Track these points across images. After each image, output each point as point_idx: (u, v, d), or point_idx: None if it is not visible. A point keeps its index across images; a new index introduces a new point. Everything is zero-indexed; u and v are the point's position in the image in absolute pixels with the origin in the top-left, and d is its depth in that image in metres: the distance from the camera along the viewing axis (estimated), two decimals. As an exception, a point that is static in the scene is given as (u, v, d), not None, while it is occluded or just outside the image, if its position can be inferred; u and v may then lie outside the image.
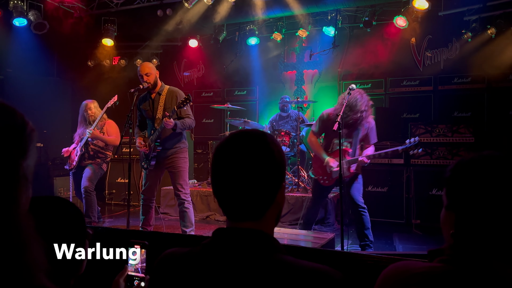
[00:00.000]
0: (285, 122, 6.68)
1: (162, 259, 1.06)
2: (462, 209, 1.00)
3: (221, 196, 1.01)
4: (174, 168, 4.18)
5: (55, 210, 1.16)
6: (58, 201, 1.21)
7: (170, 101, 4.15)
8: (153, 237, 1.86)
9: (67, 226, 1.17)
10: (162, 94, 4.17)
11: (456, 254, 0.97)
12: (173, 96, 4.16)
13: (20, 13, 6.16)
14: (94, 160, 5.30)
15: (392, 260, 1.57)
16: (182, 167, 4.21)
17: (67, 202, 1.23)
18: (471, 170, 1.01)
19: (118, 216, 6.37)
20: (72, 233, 1.17)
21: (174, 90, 4.23)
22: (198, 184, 6.65)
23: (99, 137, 5.18)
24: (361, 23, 6.71)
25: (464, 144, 5.43)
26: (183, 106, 3.91)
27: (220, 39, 7.45)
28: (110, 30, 7.10)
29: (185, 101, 3.90)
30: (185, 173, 4.24)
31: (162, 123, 3.93)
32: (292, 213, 5.48)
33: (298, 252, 1.64)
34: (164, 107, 4.12)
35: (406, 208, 5.55)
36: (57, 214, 1.16)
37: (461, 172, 1.02)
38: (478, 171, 0.99)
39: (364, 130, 3.92)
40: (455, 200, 1.02)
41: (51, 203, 1.18)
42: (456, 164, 1.05)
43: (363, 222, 3.86)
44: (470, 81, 6.24)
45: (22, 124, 0.76)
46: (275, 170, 1.00)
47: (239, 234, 0.97)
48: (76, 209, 1.22)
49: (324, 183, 4.01)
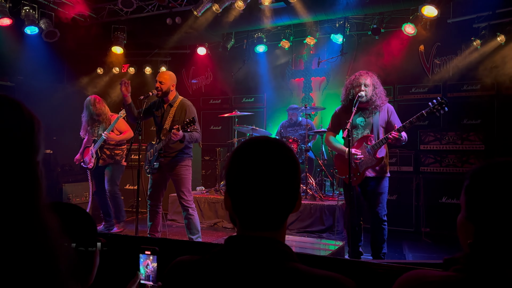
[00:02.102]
0: (294, 129, 6.68)
1: (173, 267, 1.05)
2: (482, 220, 0.97)
3: (243, 205, 0.98)
4: (177, 175, 4.23)
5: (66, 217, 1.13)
6: (69, 208, 1.20)
7: (180, 114, 4.19)
8: (163, 243, 1.85)
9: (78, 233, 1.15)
10: (174, 106, 4.22)
11: (472, 264, 0.95)
12: (183, 110, 4.20)
13: (32, 21, 6.25)
14: (114, 159, 5.33)
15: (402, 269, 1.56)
16: (184, 174, 4.25)
17: (78, 208, 1.22)
18: (493, 180, 0.97)
19: (126, 222, 6.37)
20: (83, 240, 1.16)
21: (185, 104, 4.25)
22: (206, 191, 6.65)
23: (115, 138, 5.22)
24: (369, 30, 6.71)
25: (474, 151, 5.38)
26: (187, 128, 3.92)
27: (228, 46, 7.49)
28: (119, 38, 7.17)
29: (188, 124, 3.91)
30: (188, 181, 4.28)
31: (169, 135, 3.95)
32: (300, 221, 5.46)
33: (308, 260, 1.63)
34: (173, 119, 4.16)
35: (415, 216, 5.50)
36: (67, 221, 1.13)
37: (482, 182, 0.99)
38: (501, 182, 0.96)
39: (384, 114, 3.80)
40: (475, 211, 0.99)
41: (62, 209, 1.17)
42: (477, 171, 1.02)
43: (381, 235, 3.79)
44: (480, 88, 6.19)
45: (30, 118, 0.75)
46: (297, 178, 1.00)
47: (253, 243, 0.96)
48: (87, 216, 1.21)
49: (352, 182, 3.73)
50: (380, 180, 3.80)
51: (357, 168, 3.80)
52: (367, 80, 3.74)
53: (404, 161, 5.75)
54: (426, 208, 5.40)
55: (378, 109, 3.79)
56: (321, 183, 6.16)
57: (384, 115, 3.81)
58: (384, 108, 3.82)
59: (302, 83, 7.84)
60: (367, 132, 3.79)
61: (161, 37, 7.28)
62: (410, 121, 3.54)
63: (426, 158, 5.61)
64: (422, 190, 5.46)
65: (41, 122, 0.77)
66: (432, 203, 5.37)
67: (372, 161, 3.72)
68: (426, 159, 5.60)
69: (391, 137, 3.56)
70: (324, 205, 5.41)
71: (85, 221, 1.19)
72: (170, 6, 6.55)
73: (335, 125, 3.99)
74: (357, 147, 3.78)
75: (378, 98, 3.74)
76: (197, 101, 8.00)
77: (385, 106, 3.83)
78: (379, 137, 3.75)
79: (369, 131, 3.79)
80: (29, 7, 6.24)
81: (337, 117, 3.98)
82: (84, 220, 1.19)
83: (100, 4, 6.86)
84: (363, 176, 3.78)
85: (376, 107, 3.78)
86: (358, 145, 3.79)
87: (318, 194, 5.78)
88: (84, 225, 1.18)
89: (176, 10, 6.59)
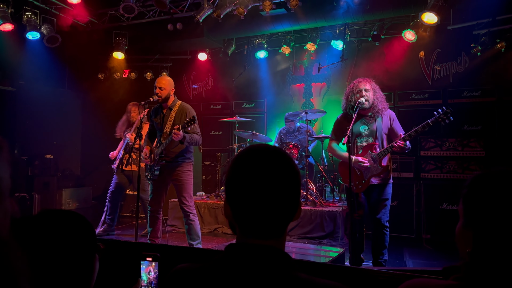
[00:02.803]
0: (293, 135, 6.68)
1: (173, 275, 1.04)
2: (481, 228, 0.97)
3: (243, 214, 0.98)
4: (178, 180, 4.23)
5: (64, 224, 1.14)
6: (67, 215, 1.20)
7: (180, 117, 4.20)
8: (163, 250, 1.85)
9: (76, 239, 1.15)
10: (173, 110, 4.23)
11: (472, 273, 0.95)
12: (183, 113, 4.22)
13: (33, 27, 6.29)
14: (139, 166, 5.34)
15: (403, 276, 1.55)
16: (186, 179, 4.25)
17: (77, 215, 1.21)
18: (491, 189, 0.98)
19: (126, 228, 6.37)
20: (82, 247, 1.16)
21: (185, 107, 4.28)
22: (206, 197, 6.64)
23: None
24: (369, 36, 6.74)
25: (475, 158, 5.38)
26: (188, 127, 3.93)
27: (229, 52, 7.52)
28: (121, 43, 7.20)
29: (189, 122, 3.92)
30: (189, 186, 4.27)
31: (169, 137, 3.97)
32: (300, 227, 5.44)
33: (309, 267, 1.62)
34: (173, 123, 4.17)
35: (416, 223, 5.49)
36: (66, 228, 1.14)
37: (480, 191, 1.00)
38: (498, 190, 0.96)
39: (387, 120, 3.82)
40: (473, 219, 0.99)
41: (61, 216, 1.17)
42: (474, 180, 1.02)
43: (383, 241, 3.79)
44: (480, 94, 6.20)
45: None
46: (297, 187, 1.00)
47: (254, 251, 0.96)
48: (86, 222, 1.20)
49: (357, 190, 3.81)
50: (383, 186, 3.80)
51: (362, 175, 3.81)
52: (367, 86, 3.78)
53: (405, 167, 5.74)
54: (427, 214, 5.38)
55: (380, 114, 3.81)
56: (321, 189, 6.15)
57: (386, 121, 3.82)
58: (386, 114, 3.84)
59: (302, 89, 7.86)
60: (371, 140, 3.81)
61: (162, 43, 7.31)
62: (415, 130, 3.57)
63: (426, 164, 5.60)
64: (423, 196, 5.45)
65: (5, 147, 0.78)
66: (433, 210, 5.35)
67: (377, 169, 3.74)
68: (427, 165, 5.60)
69: (396, 146, 3.59)
70: (324, 211, 5.40)
71: (82, 227, 1.18)
72: (171, 12, 6.58)
73: (337, 133, 3.98)
74: (363, 155, 3.79)
75: (379, 103, 3.77)
76: (198, 106, 8.01)
77: (387, 112, 3.85)
78: (383, 145, 3.78)
79: (373, 139, 3.80)
80: (31, 13, 6.28)
81: (339, 125, 3.97)
82: (82, 226, 1.19)
83: (102, 10, 6.90)
84: (368, 184, 3.79)
85: (378, 112, 3.79)
86: (363, 153, 3.81)
87: (319, 200, 5.77)
88: (81, 231, 1.17)
89: (177, 16, 6.63)
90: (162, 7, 5.97)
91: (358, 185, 3.81)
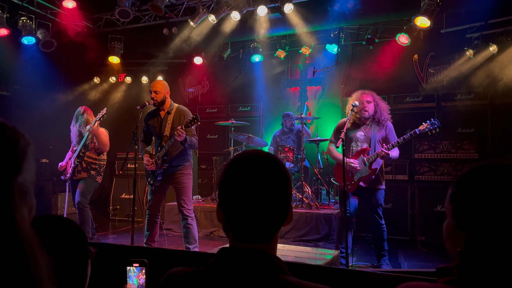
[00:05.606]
0: (288, 137, 6.71)
1: (166, 279, 1.06)
2: (475, 227, 0.93)
3: (234, 218, 1.00)
4: (178, 184, 4.23)
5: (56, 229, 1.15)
6: (58, 220, 1.20)
7: (178, 120, 4.21)
8: (156, 254, 1.86)
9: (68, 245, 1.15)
10: (171, 113, 4.24)
11: (464, 275, 0.92)
12: (181, 116, 4.24)
13: (29, 31, 6.29)
14: (89, 173, 5.21)
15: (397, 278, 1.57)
16: (186, 183, 4.25)
17: (68, 220, 1.21)
18: (481, 184, 0.94)
19: (122, 232, 6.36)
20: (74, 252, 1.16)
21: (182, 110, 4.30)
22: (202, 200, 6.65)
23: (97, 133, 5.13)
24: (363, 40, 6.79)
25: (468, 160, 5.42)
26: (191, 125, 3.95)
27: (224, 56, 7.54)
28: (116, 48, 7.21)
29: (193, 121, 3.94)
30: (189, 189, 4.27)
31: (172, 139, 3.98)
32: (296, 230, 5.46)
33: (303, 270, 1.64)
34: (172, 126, 4.18)
35: (411, 225, 5.52)
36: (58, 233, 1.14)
37: (471, 188, 0.96)
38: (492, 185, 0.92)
39: (383, 130, 4.14)
40: (466, 219, 0.95)
41: (52, 222, 1.17)
42: (464, 177, 0.99)
43: (382, 236, 4.23)
44: (473, 97, 6.27)
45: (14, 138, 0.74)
46: (288, 192, 1.02)
47: (244, 255, 0.98)
48: (77, 228, 1.21)
49: (347, 190, 4.14)
50: (374, 192, 4.16)
51: (352, 176, 4.18)
52: (369, 98, 4.12)
53: (399, 170, 5.78)
54: (422, 216, 5.42)
55: (379, 124, 4.13)
56: (317, 192, 6.17)
57: (382, 132, 4.15)
58: (384, 124, 4.16)
59: (297, 92, 7.90)
60: (365, 145, 4.16)
61: (157, 47, 7.33)
62: (403, 138, 3.97)
63: (420, 167, 5.65)
64: (417, 198, 5.48)
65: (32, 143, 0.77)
66: (427, 212, 5.39)
67: (366, 172, 4.12)
68: (421, 168, 5.64)
69: (380, 153, 3.96)
70: (320, 214, 5.42)
71: (75, 233, 1.19)
72: (167, 17, 6.60)
73: (336, 136, 4.30)
74: (355, 158, 4.18)
75: (381, 114, 4.12)
76: (194, 110, 8.01)
77: (386, 123, 4.17)
78: (375, 151, 4.11)
79: (367, 145, 4.15)
80: (26, 18, 6.28)
81: (338, 129, 4.29)
82: (74, 231, 1.19)
83: (97, 14, 6.91)
84: (357, 185, 4.16)
85: (378, 122, 4.13)
86: (356, 156, 4.19)
87: (314, 203, 5.79)
88: (74, 236, 1.18)
89: (173, 21, 6.65)
90: (158, 12, 5.98)
91: (348, 185, 4.18)
